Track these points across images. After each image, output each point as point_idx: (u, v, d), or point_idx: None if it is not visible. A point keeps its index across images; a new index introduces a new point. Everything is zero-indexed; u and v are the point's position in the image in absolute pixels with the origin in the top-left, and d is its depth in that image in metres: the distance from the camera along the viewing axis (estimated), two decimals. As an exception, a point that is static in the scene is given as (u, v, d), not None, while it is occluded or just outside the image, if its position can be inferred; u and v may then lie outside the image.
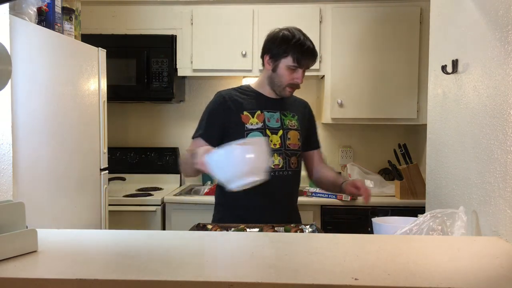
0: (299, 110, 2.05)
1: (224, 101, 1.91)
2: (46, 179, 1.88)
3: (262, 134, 1.88)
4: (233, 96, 1.94)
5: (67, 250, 1.13)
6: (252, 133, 1.87)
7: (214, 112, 1.92)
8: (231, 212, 1.92)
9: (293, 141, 1.94)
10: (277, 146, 1.89)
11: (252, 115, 1.90)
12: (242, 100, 1.93)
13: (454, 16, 1.63)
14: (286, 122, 1.95)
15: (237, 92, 1.97)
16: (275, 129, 1.91)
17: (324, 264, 1.02)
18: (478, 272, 0.97)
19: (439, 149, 1.76)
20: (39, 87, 1.82)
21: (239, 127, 1.88)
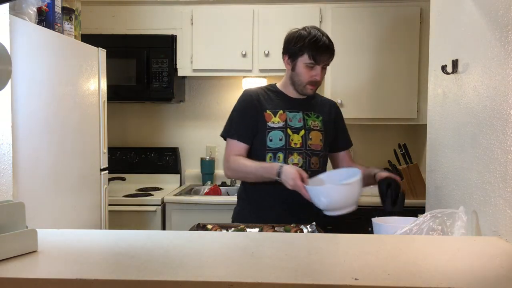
0: (325, 111, 2.05)
1: (251, 100, 1.96)
2: (46, 179, 1.88)
3: (283, 133, 1.92)
4: (258, 95, 1.98)
5: (67, 250, 1.13)
6: (273, 131, 1.91)
7: (244, 111, 1.97)
8: (250, 208, 1.98)
9: (315, 141, 1.96)
10: (298, 145, 1.93)
11: (275, 114, 1.94)
12: (266, 99, 1.98)
13: (454, 16, 1.63)
14: (309, 123, 1.97)
15: (263, 91, 2.01)
16: (296, 129, 1.94)
17: (324, 264, 1.02)
18: (478, 272, 0.97)
19: (439, 149, 1.76)
20: (39, 87, 1.82)
21: (262, 125, 1.93)
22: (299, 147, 1.93)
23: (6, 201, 1.11)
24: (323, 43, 1.89)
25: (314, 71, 1.91)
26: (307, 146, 1.94)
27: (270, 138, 1.92)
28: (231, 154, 1.95)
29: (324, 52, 1.90)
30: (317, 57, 1.89)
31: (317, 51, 1.88)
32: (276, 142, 1.92)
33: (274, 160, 1.91)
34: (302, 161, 1.93)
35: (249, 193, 2.01)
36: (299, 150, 1.92)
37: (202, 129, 3.55)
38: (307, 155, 1.94)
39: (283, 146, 1.92)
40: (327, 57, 1.92)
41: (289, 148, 1.92)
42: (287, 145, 1.92)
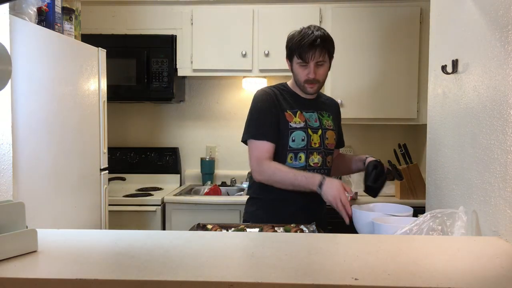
0: (333, 110, 2.10)
1: (272, 99, 1.94)
2: (46, 179, 1.88)
3: (304, 133, 1.93)
4: (277, 94, 1.97)
5: (67, 250, 1.13)
6: (295, 132, 1.91)
7: (267, 110, 1.93)
8: (266, 208, 1.96)
9: (330, 140, 2.01)
10: (317, 145, 1.96)
11: (294, 114, 1.95)
12: (283, 99, 1.97)
13: (454, 16, 1.63)
14: (324, 122, 2.01)
15: (278, 91, 2.00)
16: (315, 129, 1.97)
17: (324, 264, 1.02)
18: (478, 272, 0.97)
19: (439, 149, 1.76)
20: (39, 87, 1.82)
21: (284, 125, 1.92)
22: (318, 147, 1.96)
23: (6, 201, 1.11)
24: (308, 41, 1.86)
25: (307, 69, 1.90)
26: (325, 145, 1.98)
27: (293, 139, 1.91)
28: (263, 158, 1.89)
29: (310, 49, 1.86)
30: (304, 55, 1.87)
31: (302, 49, 1.87)
32: (298, 142, 1.92)
33: (296, 160, 1.92)
34: (321, 160, 1.97)
35: (265, 193, 1.97)
36: (318, 149, 1.96)
37: (202, 129, 3.55)
38: (324, 154, 1.98)
39: (305, 146, 1.93)
40: (315, 53, 1.87)
41: (310, 148, 1.94)
42: (309, 145, 1.93)
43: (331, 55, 1.95)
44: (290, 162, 1.92)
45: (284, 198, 1.91)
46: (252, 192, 2.05)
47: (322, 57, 1.90)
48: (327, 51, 1.91)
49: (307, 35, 1.87)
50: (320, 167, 1.97)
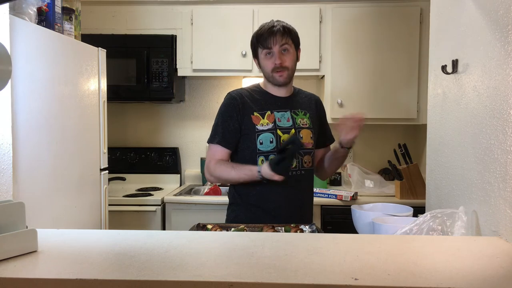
0: (311, 107, 2.03)
1: (236, 103, 1.91)
2: (46, 179, 1.88)
3: (272, 135, 1.88)
4: (243, 96, 1.93)
5: (67, 250, 1.13)
6: (262, 134, 1.87)
7: (228, 115, 1.91)
8: (245, 211, 1.92)
9: (306, 140, 1.93)
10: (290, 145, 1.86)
11: (263, 116, 1.90)
12: (252, 101, 1.92)
13: (454, 16, 1.63)
14: (298, 121, 1.94)
15: (248, 92, 1.96)
16: (286, 129, 1.90)
17: (324, 264, 1.02)
18: (478, 272, 0.97)
19: (439, 149, 1.76)
20: (39, 87, 1.82)
21: (251, 128, 1.88)
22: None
23: (6, 201, 1.11)
24: (265, 28, 1.89)
25: (272, 57, 1.88)
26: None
27: (261, 141, 1.87)
28: (211, 160, 1.92)
29: (270, 35, 1.87)
30: (264, 42, 1.87)
31: (262, 36, 1.88)
32: (267, 145, 1.87)
33: None
34: (296, 162, 1.89)
35: (243, 197, 1.95)
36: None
37: (202, 129, 3.55)
38: (299, 154, 1.91)
39: (275, 148, 1.87)
40: (276, 37, 1.87)
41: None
42: (279, 146, 1.86)
43: (296, 43, 1.93)
44: (261, 165, 1.85)
45: (262, 198, 1.89)
46: (231, 197, 2.01)
47: (285, 41, 1.88)
48: (290, 37, 1.90)
49: (265, 25, 1.91)
50: (295, 168, 1.89)
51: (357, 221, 1.74)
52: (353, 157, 3.47)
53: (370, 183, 3.09)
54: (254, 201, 1.91)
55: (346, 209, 2.91)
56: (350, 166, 3.18)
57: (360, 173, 3.14)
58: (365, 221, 1.67)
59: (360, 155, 3.49)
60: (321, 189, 2.95)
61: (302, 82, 3.48)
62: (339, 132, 1.89)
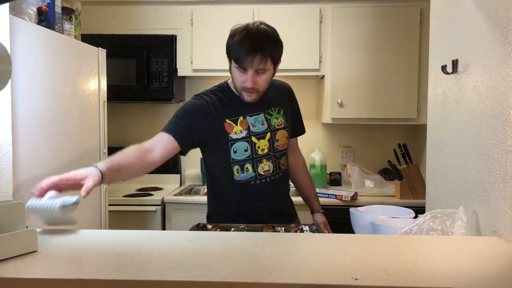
0: (283, 101, 1.88)
1: (207, 106, 1.74)
2: (46, 179, 1.87)
3: (247, 143, 1.75)
4: (214, 101, 1.76)
5: (67, 250, 1.13)
6: (236, 143, 1.74)
7: (194, 116, 1.73)
8: (225, 221, 1.78)
9: (282, 141, 1.82)
10: (266, 151, 1.78)
11: (235, 122, 1.75)
12: (223, 106, 1.75)
13: (454, 16, 1.63)
14: (273, 122, 1.80)
15: (217, 95, 1.78)
16: (261, 134, 1.77)
17: (324, 264, 1.02)
18: (478, 272, 0.97)
19: (439, 149, 1.76)
20: (39, 87, 1.82)
21: (223, 137, 1.75)
22: (267, 152, 1.78)
23: (6, 201, 1.11)
24: (246, 47, 1.60)
25: (244, 76, 1.66)
26: (275, 148, 1.80)
27: (234, 150, 1.74)
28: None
29: (249, 56, 1.60)
30: (241, 63, 1.62)
31: (240, 55, 1.61)
32: (241, 153, 1.75)
33: (243, 172, 1.76)
34: (272, 166, 1.79)
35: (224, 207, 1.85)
36: (267, 155, 1.78)
37: (202, 129, 3.54)
38: (276, 158, 1.81)
39: (250, 156, 1.76)
40: (254, 61, 1.61)
41: (256, 156, 1.77)
42: (254, 154, 1.76)
43: (275, 60, 1.70)
44: (238, 175, 1.76)
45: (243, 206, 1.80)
46: (211, 207, 1.91)
47: (263, 64, 1.64)
48: (270, 57, 1.65)
49: (245, 38, 1.62)
50: (272, 174, 1.79)
51: (355, 223, 1.73)
52: (353, 157, 3.47)
53: (370, 183, 3.09)
54: (235, 210, 1.81)
55: (346, 209, 2.89)
56: (350, 166, 3.18)
57: (360, 173, 3.14)
58: (363, 223, 1.67)
59: (360, 155, 3.49)
60: (321, 189, 2.95)
61: (302, 82, 3.48)
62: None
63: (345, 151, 3.48)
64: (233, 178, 1.77)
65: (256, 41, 1.61)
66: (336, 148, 3.48)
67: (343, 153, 3.47)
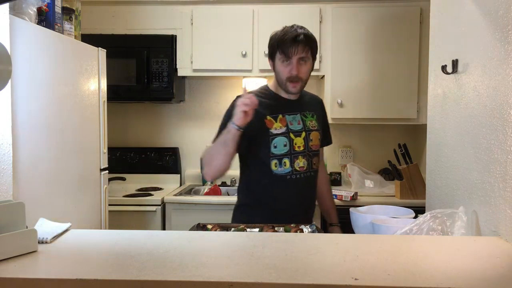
0: (316, 109, 2.06)
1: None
2: (46, 179, 1.88)
3: (286, 139, 1.89)
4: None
5: (67, 250, 1.13)
6: (277, 138, 1.88)
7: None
8: (258, 212, 1.93)
9: (315, 142, 1.97)
10: (301, 148, 1.92)
11: (275, 119, 1.90)
12: (263, 104, 1.89)
13: (454, 16, 1.63)
14: (307, 123, 1.96)
15: (258, 95, 1.90)
16: (298, 132, 1.92)
17: (324, 264, 1.02)
18: (478, 272, 0.97)
19: (439, 149, 1.76)
20: (39, 87, 1.82)
21: (264, 132, 1.89)
22: (303, 150, 1.92)
23: (6, 201, 1.11)
24: (289, 36, 1.84)
25: (289, 66, 1.87)
26: (309, 147, 1.94)
27: (275, 145, 1.88)
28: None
29: (292, 44, 1.83)
30: (286, 51, 1.85)
31: (284, 44, 1.84)
32: (280, 148, 1.89)
33: (280, 166, 1.89)
34: (306, 164, 1.93)
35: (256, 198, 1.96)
36: (302, 153, 1.92)
37: (202, 129, 3.55)
38: (309, 156, 1.94)
39: (288, 151, 1.90)
40: (298, 47, 1.84)
41: (294, 152, 1.91)
42: (292, 149, 1.90)
43: (314, 54, 1.91)
44: (275, 168, 1.89)
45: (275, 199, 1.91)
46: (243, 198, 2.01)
47: (305, 53, 1.86)
48: (310, 49, 1.88)
49: (289, 31, 1.86)
50: (306, 171, 1.93)
51: (355, 223, 1.73)
52: (353, 157, 3.47)
53: (370, 183, 3.09)
54: (268, 202, 1.92)
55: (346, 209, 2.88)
56: (350, 166, 3.18)
57: (360, 173, 3.14)
58: (363, 223, 1.67)
59: (360, 155, 3.49)
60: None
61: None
62: None
63: (345, 151, 3.48)
64: (271, 171, 1.89)
65: (299, 32, 1.86)
66: (336, 148, 3.48)
67: (343, 153, 3.47)
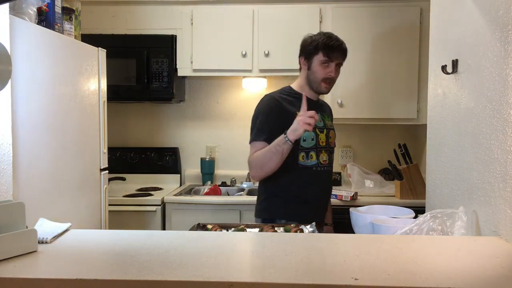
0: (328, 112, 2.25)
1: (280, 104, 2.03)
2: (46, 179, 1.87)
3: (314, 133, 2.04)
4: (285, 98, 2.06)
5: (67, 250, 1.13)
6: (306, 132, 1.95)
7: (273, 116, 2.01)
8: (286, 203, 2.03)
9: (332, 139, 2.16)
10: (324, 144, 2.08)
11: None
12: (290, 102, 2.05)
13: (454, 16, 1.63)
14: (326, 122, 2.14)
15: (283, 95, 2.08)
16: (321, 128, 2.09)
17: (324, 264, 1.02)
18: (478, 272, 0.97)
19: (439, 149, 1.76)
20: (39, 87, 1.82)
21: None
22: (325, 145, 2.09)
23: (6, 201, 1.11)
24: (335, 43, 2.03)
25: (328, 68, 2.03)
26: (329, 144, 2.11)
27: (304, 139, 2.00)
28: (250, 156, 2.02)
29: (336, 49, 2.03)
30: (330, 54, 2.02)
31: (330, 48, 2.01)
32: (309, 142, 2.03)
33: (307, 158, 2.03)
34: (328, 158, 2.10)
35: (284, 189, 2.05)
36: (325, 148, 2.08)
37: (202, 129, 3.55)
38: (330, 152, 2.12)
39: (314, 145, 2.04)
40: (339, 54, 2.04)
41: (319, 146, 2.06)
42: (317, 144, 2.06)
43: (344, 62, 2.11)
44: (302, 160, 2.02)
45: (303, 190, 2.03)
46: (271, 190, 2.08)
47: (342, 59, 2.07)
48: (345, 58, 2.09)
49: (333, 37, 2.04)
50: (328, 165, 2.10)
51: (355, 223, 1.73)
52: (353, 157, 3.47)
53: (370, 183, 3.09)
54: (296, 193, 2.02)
55: (346, 209, 2.89)
56: (350, 166, 3.18)
57: (360, 173, 3.14)
58: (363, 223, 1.67)
59: (360, 155, 3.49)
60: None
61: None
62: None
63: (345, 151, 3.48)
64: (298, 163, 2.02)
65: (342, 42, 2.07)
66: (336, 148, 3.46)
67: (343, 153, 3.47)
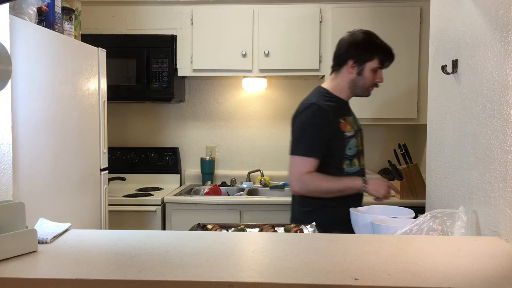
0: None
1: (326, 113, 1.95)
2: (46, 179, 1.87)
3: (356, 140, 2.03)
4: (328, 105, 1.98)
5: (67, 250, 1.13)
6: (351, 140, 1.99)
7: (322, 127, 1.95)
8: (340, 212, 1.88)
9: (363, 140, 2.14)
10: (361, 147, 2.08)
11: (346, 121, 2.01)
12: (334, 108, 1.99)
13: (454, 16, 1.63)
14: (358, 123, 2.12)
15: (328, 101, 2.01)
16: (359, 131, 2.09)
17: (324, 264, 1.02)
18: (478, 272, 0.97)
19: (439, 149, 1.76)
20: (39, 87, 1.82)
21: (340, 135, 1.97)
22: (361, 149, 2.08)
23: (6, 201, 1.11)
24: (390, 49, 2.01)
25: (378, 74, 2.02)
26: (363, 146, 2.11)
27: (350, 147, 1.98)
28: (304, 172, 1.92)
29: (391, 57, 2.02)
30: (385, 62, 2.01)
31: (386, 56, 2.00)
32: (353, 150, 2.00)
33: (351, 166, 2.00)
34: (363, 161, 2.09)
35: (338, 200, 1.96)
36: (362, 151, 2.08)
37: (202, 129, 3.55)
38: (363, 155, 2.11)
39: (357, 152, 2.02)
40: (391, 62, 2.04)
41: (359, 151, 2.05)
42: (358, 149, 2.04)
43: None
44: (347, 168, 1.99)
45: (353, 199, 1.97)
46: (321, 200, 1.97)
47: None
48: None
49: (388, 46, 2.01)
50: (364, 168, 2.10)
51: (355, 223, 1.73)
52: (353, 157, 3.47)
53: (370, 183, 3.08)
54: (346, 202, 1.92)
55: (346, 209, 2.91)
56: (350, 166, 3.18)
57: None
58: (363, 223, 1.67)
59: (360, 155, 3.49)
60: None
61: (302, 82, 3.48)
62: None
63: (345, 151, 3.48)
64: (343, 171, 1.99)
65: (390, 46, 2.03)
66: (336, 148, 3.47)
67: (343, 153, 3.47)
